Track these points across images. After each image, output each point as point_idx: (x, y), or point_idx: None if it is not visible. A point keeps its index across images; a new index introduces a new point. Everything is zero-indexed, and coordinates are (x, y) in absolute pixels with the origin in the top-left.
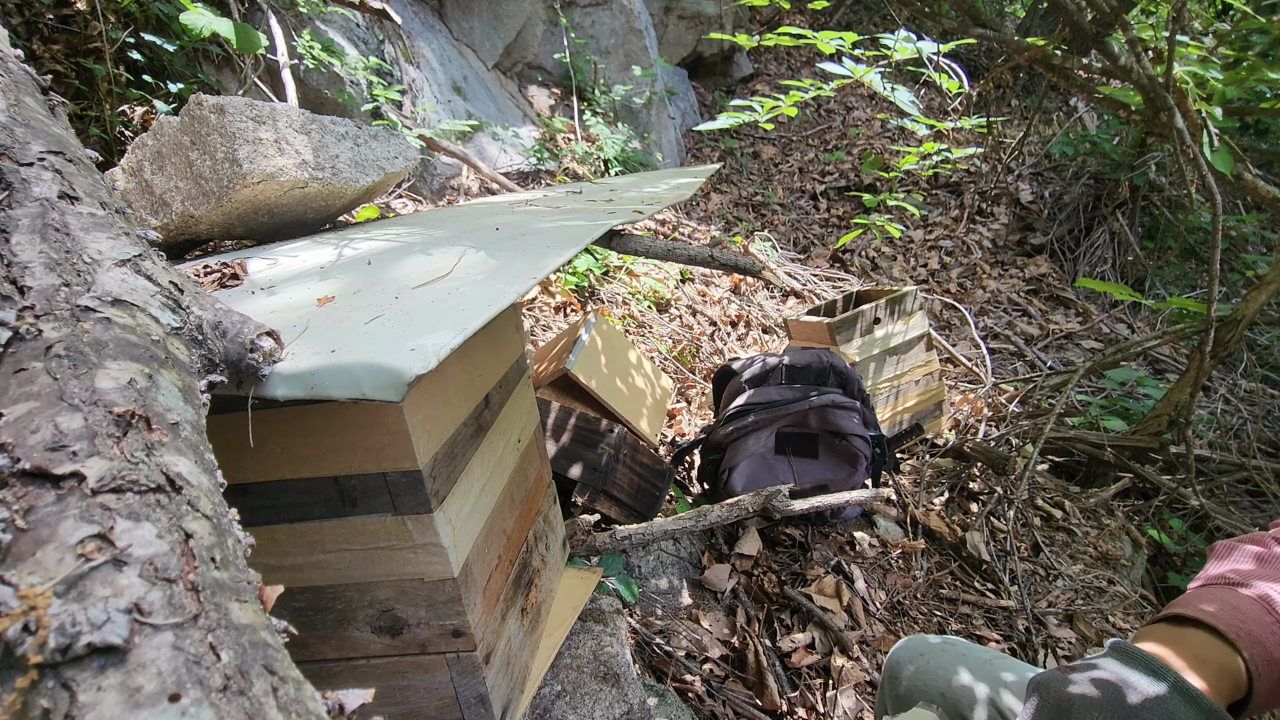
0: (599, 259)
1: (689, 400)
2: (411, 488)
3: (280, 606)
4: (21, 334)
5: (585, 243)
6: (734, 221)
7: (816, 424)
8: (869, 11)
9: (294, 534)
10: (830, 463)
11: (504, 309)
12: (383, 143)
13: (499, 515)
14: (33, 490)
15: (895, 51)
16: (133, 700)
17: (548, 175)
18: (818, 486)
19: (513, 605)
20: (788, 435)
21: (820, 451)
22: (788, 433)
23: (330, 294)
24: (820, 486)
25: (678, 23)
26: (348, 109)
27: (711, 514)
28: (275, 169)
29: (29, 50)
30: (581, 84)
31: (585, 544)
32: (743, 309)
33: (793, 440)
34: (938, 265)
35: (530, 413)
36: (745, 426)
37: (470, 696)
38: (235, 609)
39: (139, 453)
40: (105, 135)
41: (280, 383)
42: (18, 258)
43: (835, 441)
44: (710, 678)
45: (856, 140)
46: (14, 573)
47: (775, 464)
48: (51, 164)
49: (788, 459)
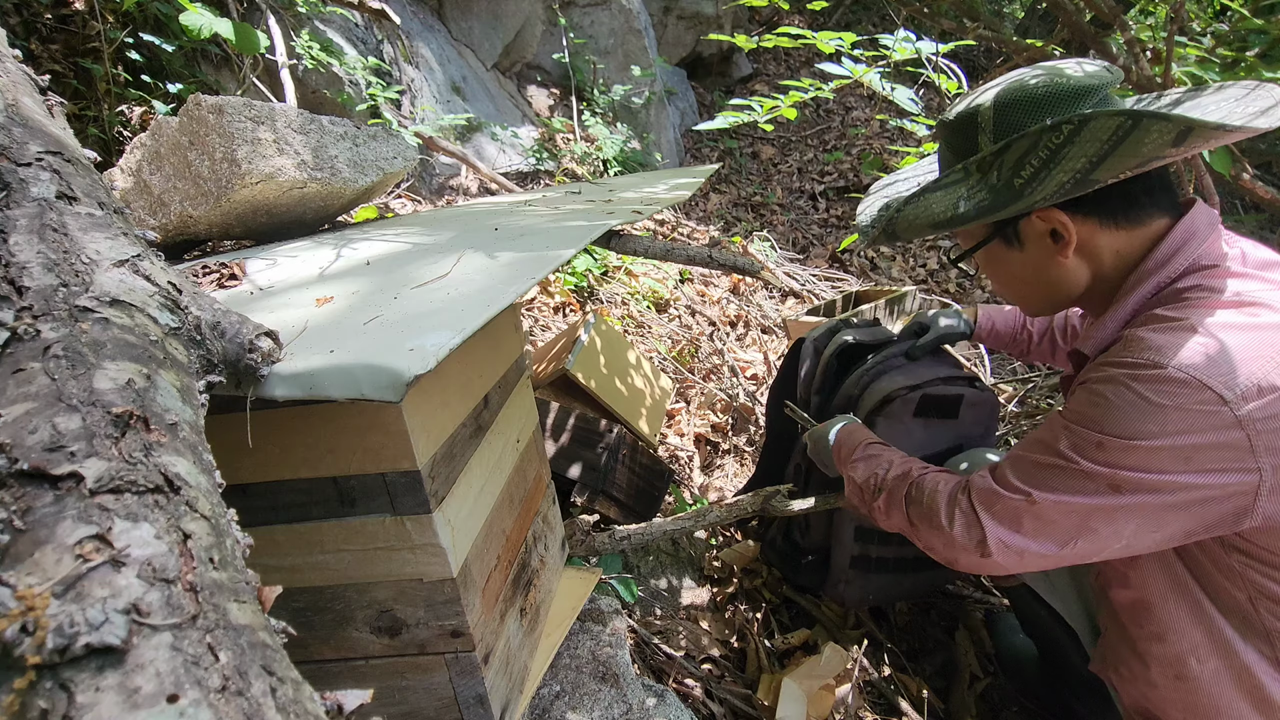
0: (598, 259)
1: (688, 400)
2: (410, 488)
3: (279, 607)
4: (20, 334)
5: (584, 243)
6: (733, 221)
7: (961, 384)
8: (868, 12)
9: (293, 534)
10: (969, 421)
11: (503, 309)
12: (382, 143)
13: (498, 515)
14: (31, 491)
15: (894, 52)
16: (131, 701)
17: (547, 175)
18: (952, 449)
19: (512, 605)
20: (933, 399)
21: (962, 410)
22: (934, 395)
23: (329, 294)
24: (954, 448)
25: (677, 23)
26: (347, 109)
27: (711, 514)
28: (274, 169)
29: (27, 50)
30: (580, 84)
31: (584, 544)
32: (742, 309)
33: (938, 403)
34: (936, 265)
35: (529, 413)
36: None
37: (469, 697)
38: (234, 609)
39: (137, 453)
40: (103, 135)
41: (279, 383)
42: (16, 258)
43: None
44: (709, 678)
45: (855, 140)
46: (12, 573)
47: (911, 427)
48: (50, 164)
49: (924, 421)
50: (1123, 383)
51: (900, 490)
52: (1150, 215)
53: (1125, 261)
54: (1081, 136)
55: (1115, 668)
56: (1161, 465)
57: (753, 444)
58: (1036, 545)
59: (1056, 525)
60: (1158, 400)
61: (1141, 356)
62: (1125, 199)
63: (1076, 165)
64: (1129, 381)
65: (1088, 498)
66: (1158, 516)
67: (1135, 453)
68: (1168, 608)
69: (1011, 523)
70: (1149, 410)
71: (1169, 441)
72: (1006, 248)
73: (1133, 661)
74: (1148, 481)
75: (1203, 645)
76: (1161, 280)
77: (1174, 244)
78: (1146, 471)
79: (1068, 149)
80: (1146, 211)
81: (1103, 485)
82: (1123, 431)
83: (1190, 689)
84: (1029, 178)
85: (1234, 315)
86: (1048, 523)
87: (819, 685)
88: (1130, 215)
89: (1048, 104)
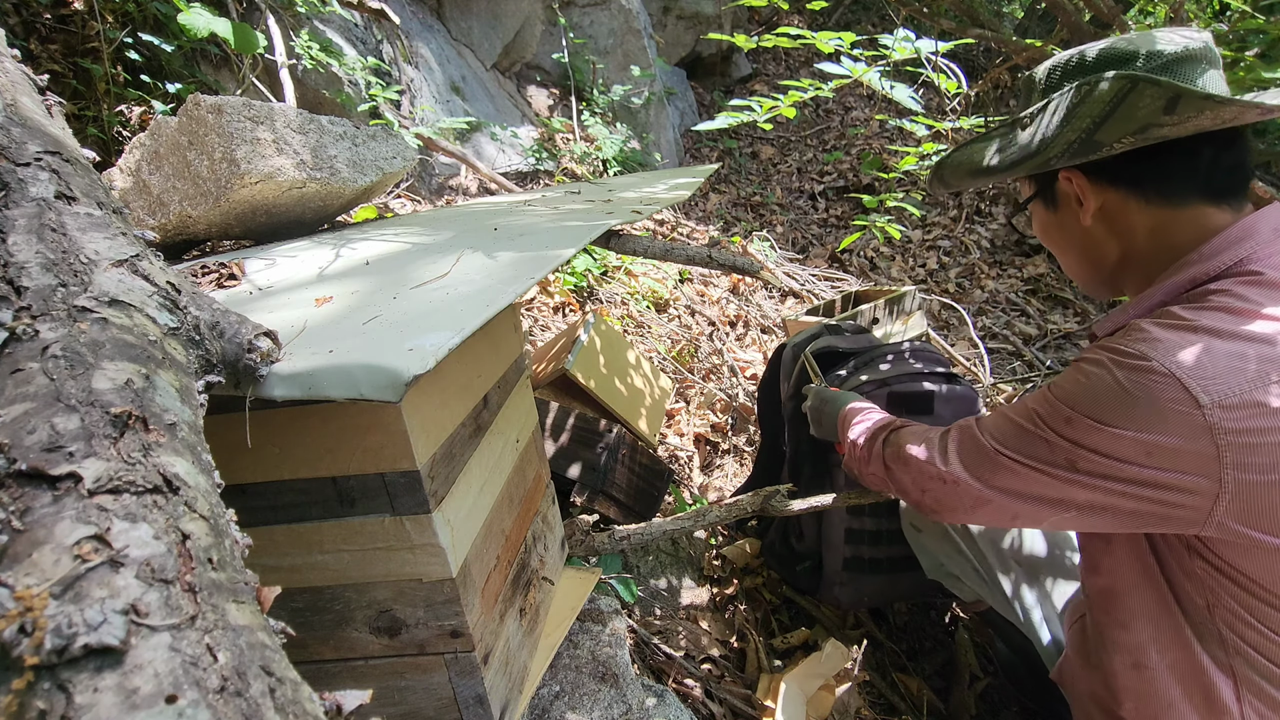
0: (597, 259)
1: (688, 400)
2: (410, 488)
3: (278, 607)
4: (18, 334)
5: (584, 243)
6: (732, 221)
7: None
8: (867, 12)
9: (292, 534)
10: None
11: (502, 309)
12: (381, 143)
13: (497, 515)
14: (29, 491)
15: (894, 51)
16: (129, 702)
17: (546, 175)
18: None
19: (511, 605)
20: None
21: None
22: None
23: (328, 294)
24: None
25: (676, 23)
26: (346, 109)
27: (710, 514)
28: (273, 169)
29: (26, 50)
30: (580, 84)
31: (584, 544)
32: (741, 309)
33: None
34: (936, 265)
35: (529, 413)
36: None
37: (469, 697)
38: (233, 610)
39: (136, 453)
40: (103, 135)
41: (278, 383)
42: (14, 258)
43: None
44: (709, 678)
45: (855, 140)
46: (10, 574)
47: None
48: (48, 164)
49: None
50: (1106, 366)
51: (881, 434)
52: (1192, 200)
53: (1164, 243)
54: (1091, 97)
55: (1084, 655)
56: (1121, 454)
57: (752, 444)
58: (990, 492)
59: (1011, 480)
60: (1133, 391)
61: (1133, 346)
62: (1159, 174)
63: (1083, 125)
64: (1112, 366)
65: (1044, 465)
66: (1106, 501)
67: (1098, 436)
68: (1135, 597)
69: (975, 464)
70: (1123, 398)
71: (1134, 434)
72: (1045, 209)
73: (1100, 649)
74: (1103, 465)
75: (1163, 637)
76: (1198, 274)
77: (1226, 240)
78: (1105, 456)
79: (1080, 108)
80: (1187, 195)
81: (1061, 458)
82: (1092, 413)
83: (1146, 679)
84: (1047, 135)
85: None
86: (1004, 474)
87: (819, 685)
88: (1166, 193)
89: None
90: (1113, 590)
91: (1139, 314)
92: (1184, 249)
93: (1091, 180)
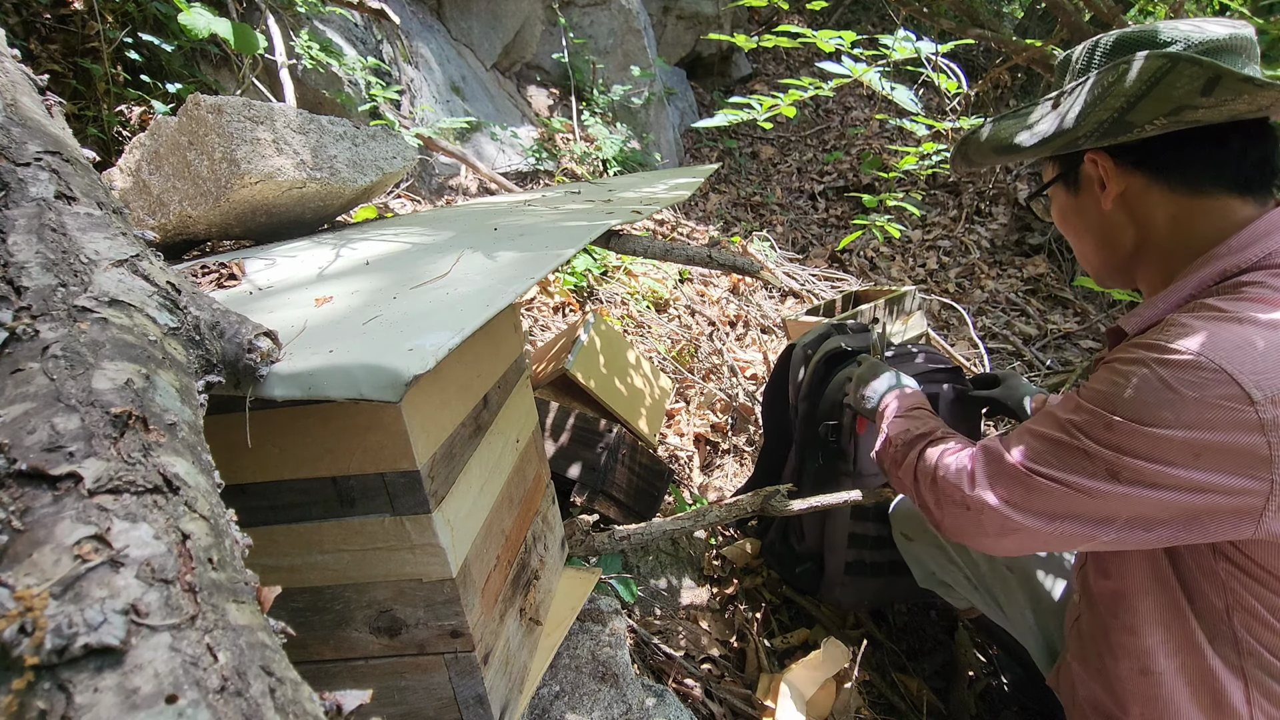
0: (597, 259)
1: (688, 400)
2: (410, 488)
3: (278, 607)
4: (18, 334)
5: (584, 243)
6: (732, 221)
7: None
8: (867, 12)
9: (292, 534)
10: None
11: (502, 309)
12: (381, 143)
13: (497, 515)
14: (29, 491)
15: (894, 51)
16: (129, 702)
17: (546, 175)
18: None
19: (511, 605)
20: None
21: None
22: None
23: (328, 294)
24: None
25: (676, 23)
26: (346, 109)
27: (710, 514)
28: (273, 169)
29: (26, 50)
30: (580, 84)
31: (584, 544)
32: (741, 309)
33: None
34: (936, 265)
35: (529, 413)
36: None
37: (469, 697)
38: (233, 610)
39: (136, 453)
40: (103, 135)
41: (278, 383)
42: (14, 258)
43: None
44: (709, 677)
45: (855, 140)
46: (10, 574)
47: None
48: (48, 164)
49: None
50: (1148, 365)
51: (919, 444)
52: (1215, 189)
53: (1184, 233)
54: (1128, 76)
55: (1084, 660)
56: (1167, 457)
57: (752, 444)
58: (1021, 517)
59: (1046, 501)
60: (1180, 388)
61: (1174, 341)
62: (1181, 160)
63: (1116, 104)
64: (1154, 364)
65: (1083, 478)
66: (1151, 513)
67: (1143, 439)
68: (1145, 601)
69: (1004, 488)
70: (1168, 397)
71: (1182, 434)
72: (1065, 192)
73: (1104, 653)
74: (1148, 473)
75: (1172, 642)
76: (1227, 267)
77: (1255, 233)
78: (1150, 461)
79: (1115, 86)
80: (1210, 184)
81: (1101, 469)
82: (1135, 415)
83: (1152, 683)
84: (1079, 114)
85: None
86: (1038, 496)
87: (819, 685)
88: (1188, 181)
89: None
90: (1122, 594)
91: (1170, 308)
92: (1204, 240)
93: (1117, 163)
